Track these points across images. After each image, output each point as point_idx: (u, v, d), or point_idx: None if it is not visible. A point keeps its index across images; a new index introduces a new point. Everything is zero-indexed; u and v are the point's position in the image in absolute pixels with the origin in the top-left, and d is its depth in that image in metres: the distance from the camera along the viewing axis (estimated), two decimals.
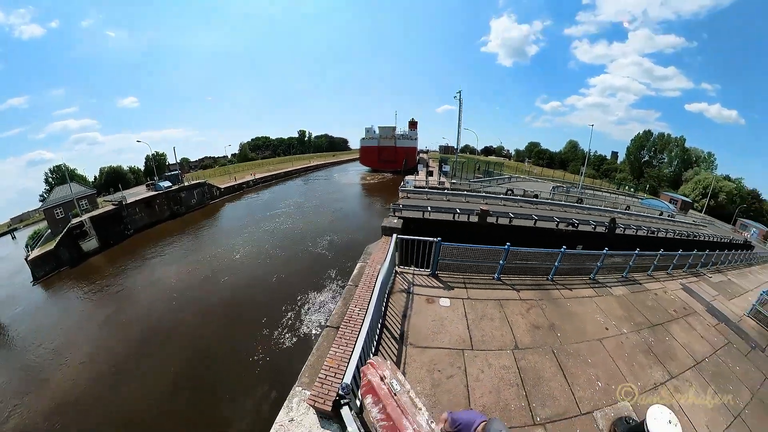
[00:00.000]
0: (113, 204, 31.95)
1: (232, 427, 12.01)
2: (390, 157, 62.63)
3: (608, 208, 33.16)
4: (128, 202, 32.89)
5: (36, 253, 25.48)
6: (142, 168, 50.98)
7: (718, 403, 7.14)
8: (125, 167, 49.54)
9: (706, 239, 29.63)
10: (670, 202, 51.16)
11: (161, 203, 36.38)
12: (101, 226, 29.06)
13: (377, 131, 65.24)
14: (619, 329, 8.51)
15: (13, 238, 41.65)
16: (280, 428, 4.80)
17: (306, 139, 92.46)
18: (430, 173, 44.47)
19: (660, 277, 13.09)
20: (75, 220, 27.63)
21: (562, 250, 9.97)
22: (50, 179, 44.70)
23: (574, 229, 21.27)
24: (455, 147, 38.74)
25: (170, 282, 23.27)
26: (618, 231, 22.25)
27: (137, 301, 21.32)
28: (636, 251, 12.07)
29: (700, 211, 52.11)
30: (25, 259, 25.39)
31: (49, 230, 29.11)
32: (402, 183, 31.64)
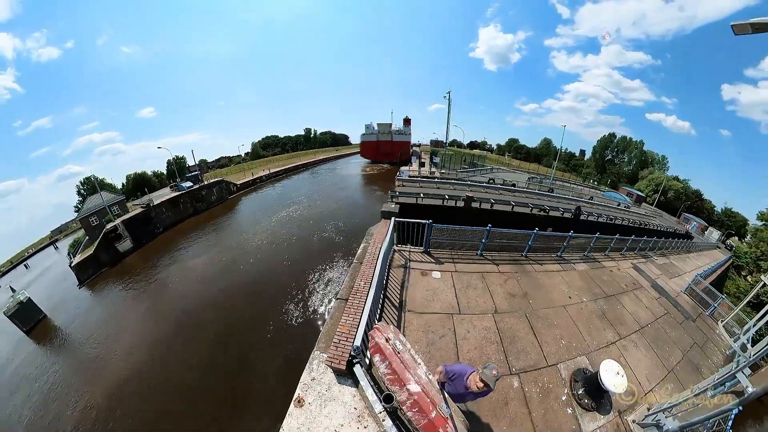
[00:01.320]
0: (142, 207, 31.12)
1: (262, 387, 12.25)
2: (387, 150, 62.66)
3: (574, 198, 33.52)
4: (155, 203, 32.00)
5: (78, 259, 24.91)
6: (165, 172, 49.11)
7: (656, 360, 7.61)
8: (149, 172, 47.67)
9: (655, 228, 30.27)
10: (627, 195, 51.94)
11: (185, 202, 35.54)
12: (133, 228, 28.50)
13: (376, 127, 64.83)
14: (580, 298, 8.82)
15: (56, 248, 40.48)
16: (304, 386, 4.92)
17: (311, 135, 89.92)
18: (422, 164, 44.16)
19: (615, 257, 13.35)
20: (109, 225, 27.00)
21: (535, 231, 10.11)
22: (82, 191, 42.82)
23: (545, 214, 21.61)
24: (444, 141, 38.42)
25: (199, 270, 22.97)
26: (582, 217, 22.62)
27: (172, 290, 21.04)
28: (596, 235, 12.27)
29: (651, 205, 53.14)
30: (69, 266, 24.79)
31: (87, 237, 28.38)
32: (398, 173, 31.29)
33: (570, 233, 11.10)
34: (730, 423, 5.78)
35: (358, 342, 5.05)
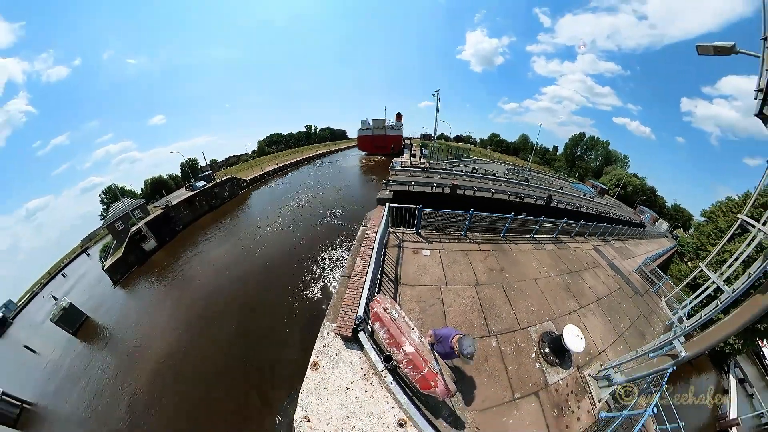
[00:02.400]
0: (161, 208, 30.27)
1: (283, 356, 12.55)
2: (381, 144, 62.47)
3: (547, 187, 33.95)
4: (173, 204, 31.18)
5: (109, 262, 24.48)
6: (179, 174, 47.13)
7: (609, 326, 8.05)
8: (165, 176, 45.56)
9: (614, 217, 31.07)
10: (591, 188, 53.02)
11: (200, 200, 34.71)
12: (156, 228, 27.84)
13: (371, 123, 64.27)
14: (548, 273, 9.09)
15: (88, 255, 38.85)
16: (318, 352, 5.09)
17: (312, 132, 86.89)
18: (413, 156, 43.64)
19: (579, 239, 13.62)
20: (134, 228, 26.31)
21: (511, 215, 10.17)
22: (105, 199, 40.56)
23: (521, 200, 21.88)
24: (433, 135, 37.91)
25: (219, 260, 22.78)
26: (552, 204, 23.00)
27: (197, 280, 20.82)
28: (564, 220, 12.38)
29: (612, 197, 54.51)
30: (102, 269, 24.33)
31: (115, 241, 27.76)
32: (391, 164, 30.89)
33: (541, 218, 11.26)
34: (665, 379, 6.26)
35: (360, 312, 5.22)
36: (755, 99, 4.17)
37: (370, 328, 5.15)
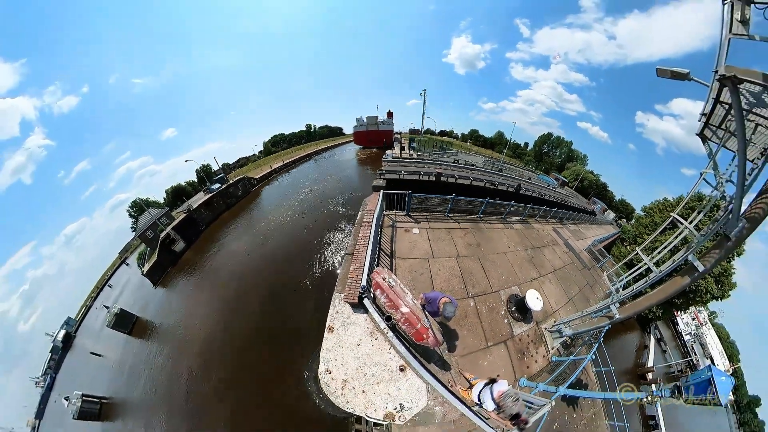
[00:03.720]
0: (184, 213, 29.35)
1: (303, 324, 12.89)
2: (375, 138, 61.87)
3: (517, 177, 34.50)
4: (194, 207, 30.30)
5: (147, 267, 24.15)
6: (196, 179, 44.90)
7: (562, 292, 8.67)
8: (183, 183, 43.30)
9: (571, 205, 32.33)
10: (554, 179, 54.53)
11: (217, 200, 33.65)
12: (182, 231, 27.30)
13: (365, 120, 63.34)
14: (516, 248, 9.46)
15: (127, 264, 37.09)
16: (331, 317, 5.34)
17: (312, 130, 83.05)
18: (402, 148, 43.16)
19: (541, 222, 13.96)
20: (163, 234, 25.65)
21: (486, 200, 10.33)
22: (132, 213, 38.34)
23: (495, 187, 22.27)
24: (420, 130, 37.50)
25: (240, 251, 22.65)
26: (521, 192, 23.58)
27: (223, 271, 20.75)
28: (530, 205, 12.68)
29: (571, 188, 56.46)
30: (142, 274, 23.99)
31: (148, 248, 27.10)
32: (384, 156, 30.56)
33: (512, 203, 11.53)
34: (602, 334, 6.92)
35: (364, 282, 5.42)
36: (699, 121, 4.44)
37: (372, 294, 5.38)
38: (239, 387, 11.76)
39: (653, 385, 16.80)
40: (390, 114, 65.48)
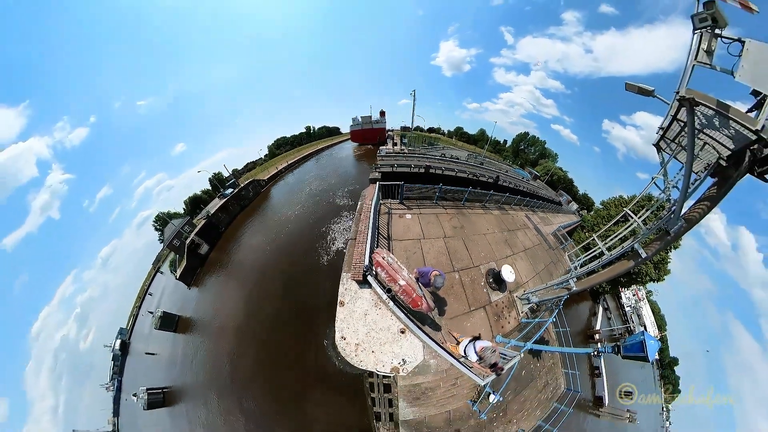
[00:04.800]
0: (204, 219, 28.80)
1: (318, 300, 13.32)
2: (369, 135, 60.64)
3: (496, 170, 34.72)
4: (212, 212, 29.85)
5: (179, 272, 24.20)
6: (210, 187, 43.45)
7: (531, 267, 9.14)
8: (199, 192, 41.93)
9: (541, 195, 33.08)
10: (528, 173, 55.68)
11: (232, 204, 32.96)
12: (204, 235, 27.07)
13: (360, 119, 61.90)
14: (493, 230, 9.75)
15: (161, 273, 36.20)
16: (342, 293, 5.60)
17: (311, 131, 79.61)
18: (395, 144, 42.51)
19: (516, 209, 14.17)
20: (188, 241, 25.51)
21: (469, 189, 10.49)
22: (157, 227, 37.21)
23: (476, 178, 22.43)
24: (410, 127, 37.05)
25: (258, 244, 22.60)
26: (499, 182, 23.92)
27: (246, 265, 20.74)
28: (506, 194, 13.06)
29: (542, 182, 57.92)
30: (176, 278, 24.04)
31: (177, 255, 27.00)
32: (378, 151, 30.35)
33: (491, 192, 11.78)
34: (562, 302, 7.49)
35: (366, 262, 5.65)
36: (657, 133, 4.64)
37: (374, 272, 5.65)
38: (272, 359, 12.52)
39: (599, 344, 18.42)
40: (383, 113, 64.40)
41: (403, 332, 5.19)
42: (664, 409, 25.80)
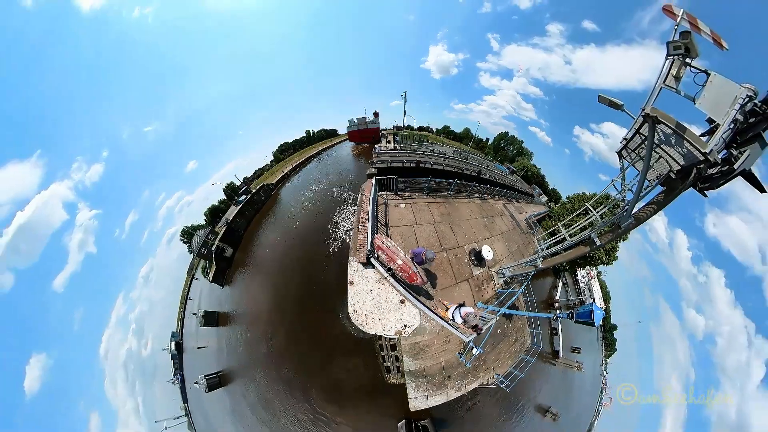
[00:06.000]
0: (224, 225, 28.72)
1: (331, 282, 13.76)
2: (365, 135, 58.66)
3: (478, 165, 34.77)
4: (231, 219, 29.66)
5: (211, 275, 24.55)
6: (225, 197, 42.11)
7: (506, 248, 9.57)
8: (216, 203, 40.51)
9: (517, 188, 33.62)
10: (507, 168, 56.35)
11: (247, 209, 32.66)
12: (227, 240, 27.28)
13: (356, 120, 59.68)
14: (476, 217, 9.97)
15: (196, 279, 35.57)
16: (350, 274, 5.83)
17: (311, 135, 75.88)
18: (388, 142, 41.70)
19: (495, 198, 14.34)
20: (214, 247, 25.99)
21: (455, 181, 10.50)
22: (185, 240, 36.11)
23: (461, 172, 22.47)
24: (402, 126, 36.23)
25: (275, 240, 22.84)
26: (481, 176, 24.24)
27: (266, 258, 21.05)
28: (487, 186, 13.36)
29: (518, 176, 58.91)
30: (209, 281, 24.44)
31: (207, 261, 27.29)
32: (373, 149, 30.03)
33: (473, 184, 12.04)
34: (530, 276, 8.01)
35: (369, 246, 5.87)
36: (620, 142, 4.81)
37: (376, 254, 5.89)
38: (299, 334, 13.39)
39: (557, 310, 19.95)
40: (376, 114, 62.70)
41: (402, 302, 5.56)
42: (603, 362, 28.98)
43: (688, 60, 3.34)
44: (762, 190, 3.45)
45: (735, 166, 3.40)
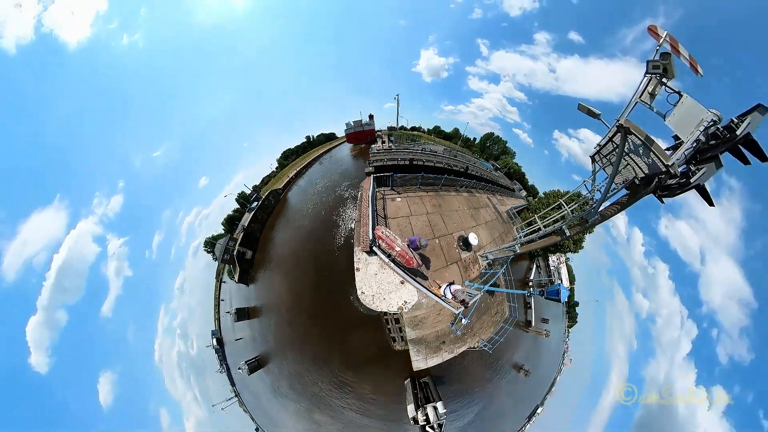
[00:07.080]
0: (242, 231, 28.55)
1: (340, 270, 13.73)
2: (361, 136, 56.94)
3: (466, 162, 34.66)
4: (246, 225, 29.39)
5: (237, 277, 24.73)
6: (238, 206, 41.23)
7: (489, 234, 9.79)
8: (231, 212, 39.70)
9: (501, 184, 33.82)
10: (491, 165, 56.44)
11: (260, 214, 32.64)
12: (246, 244, 27.17)
13: (353, 123, 57.82)
14: (463, 208, 10.12)
15: (224, 282, 34.76)
16: (356, 262, 6.02)
17: (311, 139, 72.71)
18: (383, 142, 40.90)
19: (481, 192, 14.12)
20: (235, 252, 25.98)
21: (445, 176, 10.48)
22: (208, 250, 36.01)
23: (450, 168, 22.43)
24: (396, 127, 35.43)
25: (288, 238, 23.02)
26: (469, 172, 24.30)
27: (282, 255, 21.35)
28: (473, 181, 13.51)
29: (502, 173, 59.05)
30: (236, 282, 24.64)
31: (231, 265, 27.41)
32: (370, 149, 29.67)
33: (461, 179, 12.10)
34: (509, 259, 8.29)
35: (370, 237, 6.02)
36: (594, 148, 4.92)
37: (377, 243, 6.06)
38: (317, 316, 14.04)
39: (531, 288, 20.70)
40: (371, 116, 60.97)
41: (402, 283, 5.86)
42: (566, 331, 31.58)
43: (664, 80, 3.35)
44: (711, 204, 3.59)
45: (691, 180, 3.50)
